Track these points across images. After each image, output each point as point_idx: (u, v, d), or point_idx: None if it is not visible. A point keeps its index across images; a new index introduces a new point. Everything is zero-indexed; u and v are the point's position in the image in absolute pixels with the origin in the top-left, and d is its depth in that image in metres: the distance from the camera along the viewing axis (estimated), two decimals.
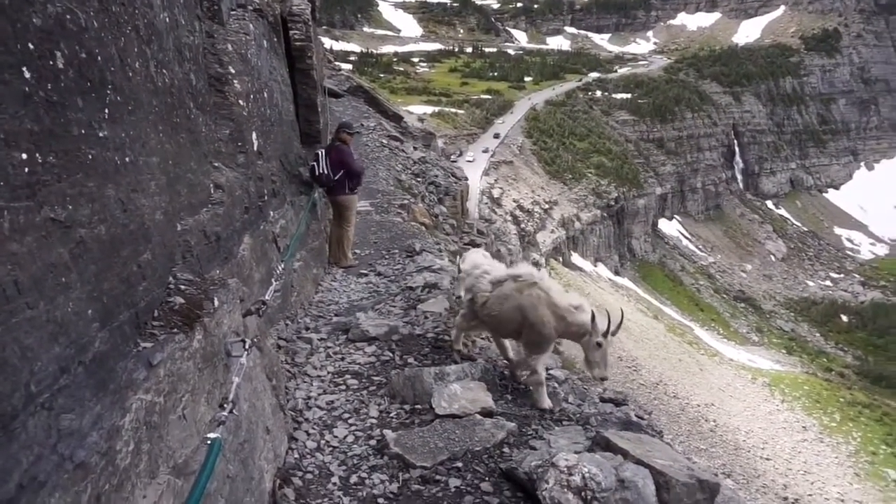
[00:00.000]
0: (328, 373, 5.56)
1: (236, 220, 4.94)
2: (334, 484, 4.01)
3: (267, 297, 4.71)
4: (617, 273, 64.56)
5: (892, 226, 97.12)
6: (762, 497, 33.53)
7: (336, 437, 4.55)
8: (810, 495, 35.93)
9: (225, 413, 2.91)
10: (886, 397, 52.05)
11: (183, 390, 2.73)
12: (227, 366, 3.28)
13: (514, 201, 54.69)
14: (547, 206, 58.67)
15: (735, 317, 65.98)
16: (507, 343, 5.62)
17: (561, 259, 56.87)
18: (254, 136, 5.83)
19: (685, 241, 79.31)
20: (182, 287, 3.17)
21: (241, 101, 5.43)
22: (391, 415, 4.85)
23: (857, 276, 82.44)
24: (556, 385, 5.75)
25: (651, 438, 4.68)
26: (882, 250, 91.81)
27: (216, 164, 4.82)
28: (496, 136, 67.08)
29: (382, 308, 7.27)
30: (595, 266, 62.15)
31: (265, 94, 6.53)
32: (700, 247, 79.38)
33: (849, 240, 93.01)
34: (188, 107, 4.11)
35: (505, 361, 5.76)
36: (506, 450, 4.29)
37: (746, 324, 65.10)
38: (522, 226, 52.49)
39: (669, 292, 66.46)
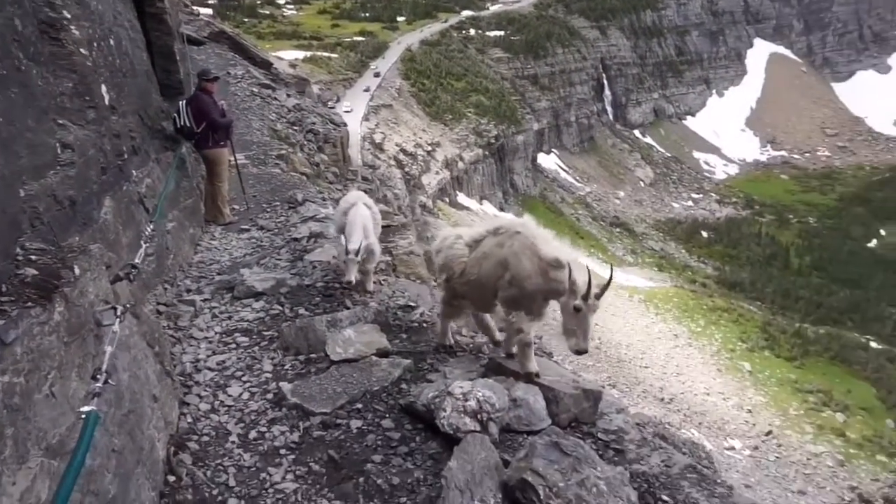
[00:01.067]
0: (216, 333, 5.37)
1: (93, 181, 4.52)
2: (233, 442, 3.94)
3: (137, 261, 4.41)
4: (502, 209, 66.48)
5: (740, 148, 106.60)
6: (643, 401, 37.01)
7: (230, 395, 4.45)
8: (682, 393, 40.14)
9: (99, 384, 2.74)
10: (741, 301, 58.50)
11: (47, 367, 2.53)
12: (99, 336, 3.07)
13: (397, 145, 54.22)
14: (430, 149, 58.72)
15: (612, 241, 70.51)
16: (491, 321, 4.96)
17: (448, 199, 57.62)
18: (103, 88, 5.28)
19: (563, 174, 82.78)
20: (33, 258, 2.89)
21: (82, 50, 4.87)
22: (286, 367, 4.80)
23: (713, 195, 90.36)
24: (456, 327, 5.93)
25: (539, 358, 4.97)
26: (733, 170, 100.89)
27: (61, 122, 4.34)
28: (376, 74, 65.88)
29: (268, 262, 7.06)
30: (481, 204, 63.58)
31: (111, 42, 5.90)
32: (577, 178, 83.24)
33: (706, 163, 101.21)
34: (16, 57, 3.64)
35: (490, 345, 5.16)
36: (404, 386, 4.40)
37: (622, 247, 69.84)
38: (407, 169, 52.32)
39: (551, 223, 69.46)
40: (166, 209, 6.45)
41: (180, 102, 7.95)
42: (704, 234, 77.57)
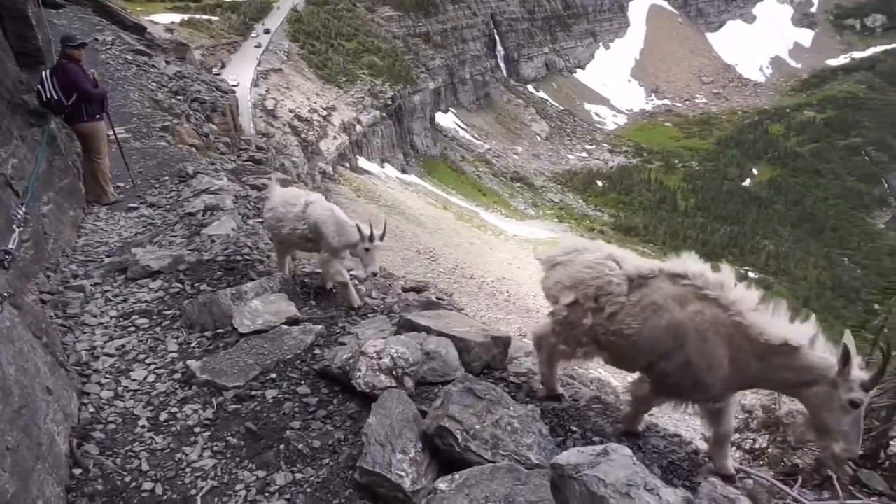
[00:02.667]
0: (111, 318, 5.08)
1: None
2: (143, 426, 3.80)
3: (11, 247, 4.06)
4: (404, 171, 66.23)
5: (628, 98, 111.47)
6: None
7: (135, 380, 4.27)
8: None
9: None
10: (636, 244, 62.13)
11: None
12: None
13: (291, 111, 52.30)
14: (325, 113, 57.11)
15: (513, 196, 72.30)
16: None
17: (348, 165, 56.61)
18: None
19: (462, 132, 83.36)
20: None
21: None
22: (192, 345, 4.64)
23: (605, 145, 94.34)
24: (357, 283, 5.92)
25: (449, 312, 5.11)
26: (622, 120, 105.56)
27: None
28: (266, 30, 62.93)
29: (162, 240, 6.71)
30: (382, 167, 62.99)
31: None
32: (475, 135, 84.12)
33: (596, 114, 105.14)
34: None
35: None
36: (317, 351, 4.39)
37: (524, 201, 71.81)
38: (303, 136, 50.73)
39: (454, 182, 70.25)
40: (39, 190, 5.95)
41: (43, 73, 7.24)
42: (599, 183, 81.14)
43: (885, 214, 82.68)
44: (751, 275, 58.69)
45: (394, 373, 3.66)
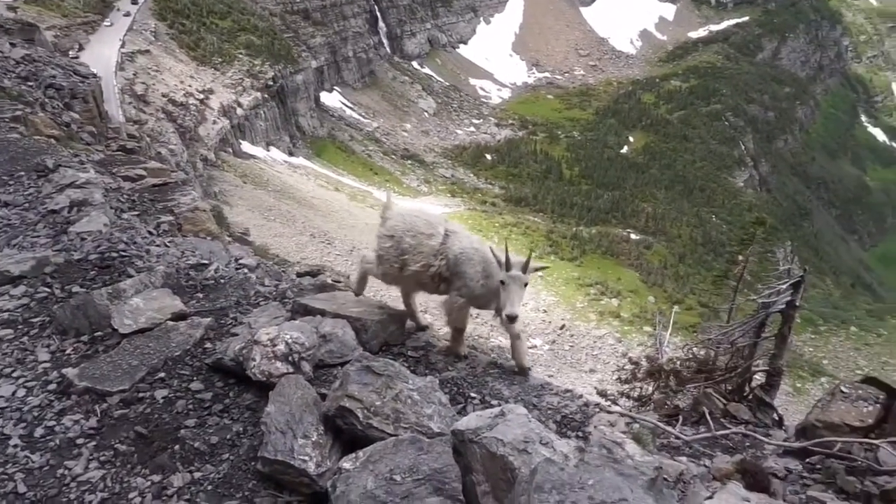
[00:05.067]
0: None
1: None
2: (15, 446, 3.50)
3: None
4: (291, 154, 64.24)
5: (510, 72, 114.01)
6: None
7: (2, 396, 3.90)
8: None
9: None
10: (526, 214, 64.29)
11: None
12: None
13: (164, 96, 48.96)
14: (202, 97, 53.99)
15: (405, 173, 72.27)
16: None
17: (231, 150, 54.09)
18: None
19: (348, 111, 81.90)
20: None
21: None
22: (67, 352, 4.30)
23: (492, 119, 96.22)
24: (247, 272, 5.73)
25: (345, 293, 5.07)
26: (506, 94, 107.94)
27: None
28: (127, 14, 58.02)
29: (22, 241, 6.12)
30: (268, 151, 60.73)
31: None
32: (363, 114, 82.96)
33: (482, 88, 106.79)
34: None
35: None
36: (208, 345, 4.22)
37: (416, 178, 71.99)
38: (180, 122, 47.77)
39: (344, 163, 69.10)
40: None
41: None
42: (488, 156, 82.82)
43: (744, 174, 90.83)
44: (633, 236, 62.62)
45: (290, 358, 3.60)
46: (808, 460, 3.74)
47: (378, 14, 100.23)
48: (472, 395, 3.72)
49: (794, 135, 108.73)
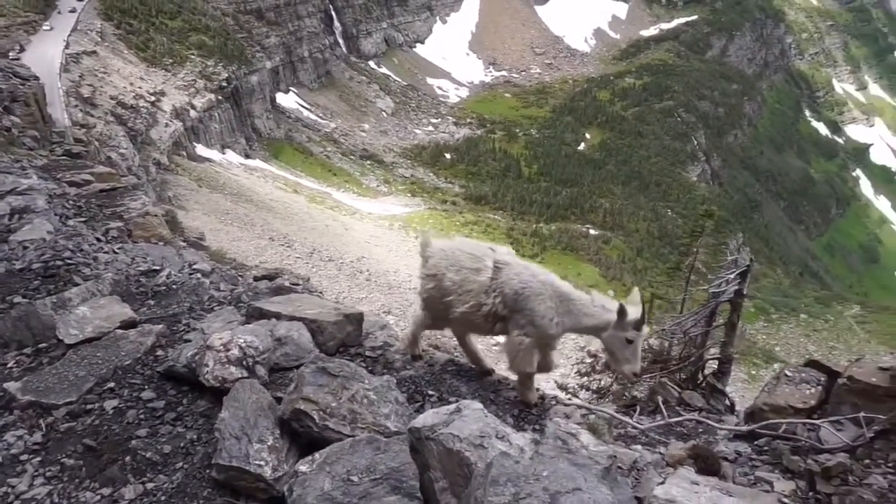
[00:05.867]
0: None
1: None
2: None
3: None
4: (248, 156, 63.11)
5: (468, 71, 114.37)
6: None
7: None
8: None
9: None
10: (486, 212, 64.64)
11: None
12: None
13: (112, 98, 47.43)
14: (153, 99, 52.52)
15: (364, 174, 71.79)
16: None
17: (185, 153, 52.83)
18: None
19: (305, 112, 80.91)
20: None
21: None
22: (9, 365, 4.14)
23: (450, 118, 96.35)
24: (200, 277, 5.61)
25: (300, 295, 5.02)
26: (464, 93, 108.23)
27: None
28: (72, 9, 56.09)
29: None
30: (224, 153, 59.54)
31: None
32: (320, 115, 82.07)
33: (439, 88, 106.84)
34: None
35: None
36: (160, 352, 4.12)
37: (375, 178, 71.58)
38: (130, 125, 46.38)
39: (302, 164, 68.24)
40: None
41: None
42: (447, 155, 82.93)
43: (697, 168, 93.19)
44: (592, 232, 63.60)
45: (244, 363, 3.54)
46: (756, 443, 3.87)
47: (333, 13, 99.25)
48: (430, 392, 3.73)
49: (743, 129, 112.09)
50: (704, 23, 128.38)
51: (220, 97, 61.69)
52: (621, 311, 3.68)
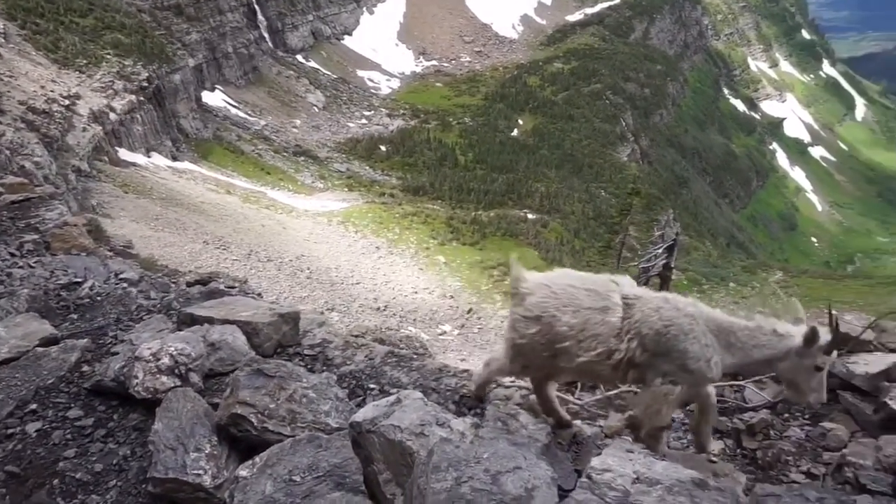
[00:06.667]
0: None
1: None
2: None
3: None
4: (175, 159, 60.76)
5: (398, 61, 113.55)
6: (361, 314, 39.23)
7: None
8: (394, 298, 43.60)
9: None
10: (425, 203, 64.63)
11: None
12: None
13: (22, 103, 44.62)
14: (68, 102, 49.72)
15: (299, 171, 70.39)
16: None
17: (107, 158, 50.40)
18: None
19: (234, 110, 78.54)
20: None
21: None
22: None
23: (383, 110, 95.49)
24: (126, 286, 5.39)
25: (234, 298, 4.90)
26: (395, 84, 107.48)
27: None
28: None
29: None
30: (149, 157, 57.11)
31: None
32: (249, 112, 79.83)
33: (370, 80, 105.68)
34: None
35: None
36: (85, 368, 3.95)
37: (310, 174, 70.30)
38: (44, 131, 43.79)
39: (233, 164, 66.29)
40: None
41: None
42: (382, 147, 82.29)
43: (626, 148, 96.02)
44: (530, 216, 64.61)
45: (176, 371, 3.44)
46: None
47: (256, 7, 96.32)
48: (371, 386, 3.72)
49: (668, 109, 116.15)
50: (626, 6, 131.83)
51: (141, 98, 58.99)
52: (811, 337, 3.09)
